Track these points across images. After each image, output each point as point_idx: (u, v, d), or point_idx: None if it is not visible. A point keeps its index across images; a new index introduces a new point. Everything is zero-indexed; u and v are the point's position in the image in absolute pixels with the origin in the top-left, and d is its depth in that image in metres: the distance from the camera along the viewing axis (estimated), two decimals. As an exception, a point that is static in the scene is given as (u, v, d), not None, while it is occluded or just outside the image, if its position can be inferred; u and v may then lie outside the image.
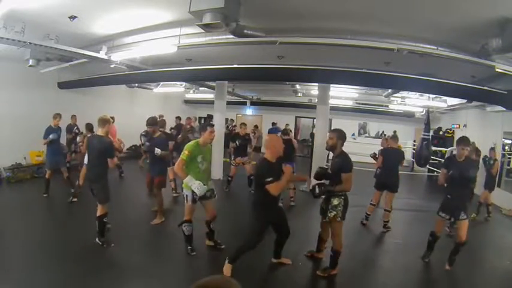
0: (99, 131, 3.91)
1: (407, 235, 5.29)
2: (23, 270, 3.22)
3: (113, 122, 7.81)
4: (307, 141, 13.36)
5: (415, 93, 8.60)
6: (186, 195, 3.72)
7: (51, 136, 5.72)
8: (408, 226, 5.96)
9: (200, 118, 15.61)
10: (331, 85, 7.86)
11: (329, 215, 3.44)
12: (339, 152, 3.48)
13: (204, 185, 3.58)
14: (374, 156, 6.07)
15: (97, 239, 3.90)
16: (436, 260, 4.03)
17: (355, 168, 3.61)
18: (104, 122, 3.87)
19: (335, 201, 3.42)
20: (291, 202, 6.25)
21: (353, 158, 3.55)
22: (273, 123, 12.95)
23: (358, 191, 4.80)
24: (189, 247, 3.87)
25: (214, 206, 3.98)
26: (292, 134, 8.02)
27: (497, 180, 6.91)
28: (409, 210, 6.69)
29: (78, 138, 5.94)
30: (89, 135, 4.68)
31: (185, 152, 3.56)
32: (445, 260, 3.87)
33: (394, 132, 9.17)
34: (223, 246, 4.05)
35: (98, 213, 3.86)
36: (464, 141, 3.78)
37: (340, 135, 3.52)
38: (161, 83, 10.16)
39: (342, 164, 3.40)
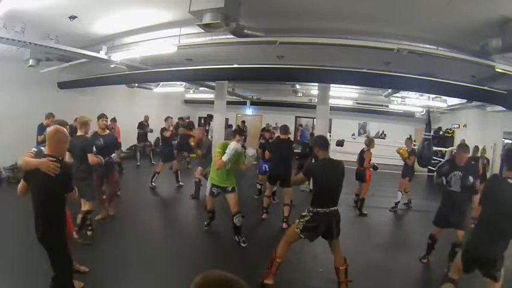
0: (79, 132, 4.06)
1: (407, 235, 5.29)
2: (22, 271, 3.22)
3: (116, 122, 7.87)
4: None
5: (415, 93, 8.60)
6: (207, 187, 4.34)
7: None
8: (407, 226, 5.97)
9: (200, 118, 15.62)
10: (331, 85, 7.86)
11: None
12: (320, 157, 3.19)
13: (226, 183, 4.16)
14: None
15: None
16: (435, 261, 4.03)
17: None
18: (82, 124, 4.07)
19: (304, 212, 3.10)
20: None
21: (352, 158, 3.54)
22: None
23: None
24: (238, 237, 4.24)
25: (237, 202, 4.19)
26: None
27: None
28: (408, 210, 6.69)
29: None
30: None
31: (218, 150, 4.12)
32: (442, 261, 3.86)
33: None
34: (244, 245, 4.16)
35: (85, 209, 3.93)
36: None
37: (315, 143, 3.27)
38: (161, 83, 10.16)
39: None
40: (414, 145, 6.55)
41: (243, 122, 13.92)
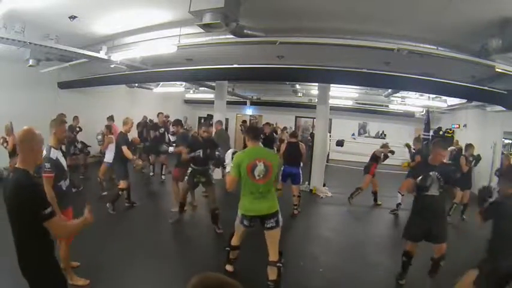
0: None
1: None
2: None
3: (113, 122, 7.78)
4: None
5: (415, 93, 8.60)
6: None
7: None
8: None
9: (200, 118, 15.59)
10: (331, 85, 7.86)
11: None
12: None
13: None
14: None
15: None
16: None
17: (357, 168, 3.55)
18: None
19: None
20: (294, 210, 5.49)
21: (352, 158, 3.53)
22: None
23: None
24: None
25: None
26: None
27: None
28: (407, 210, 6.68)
29: (99, 137, 6.14)
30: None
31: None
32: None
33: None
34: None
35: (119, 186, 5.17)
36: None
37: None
38: (161, 83, 10.15)
39: None
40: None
41: (244, 121, 13.42)
